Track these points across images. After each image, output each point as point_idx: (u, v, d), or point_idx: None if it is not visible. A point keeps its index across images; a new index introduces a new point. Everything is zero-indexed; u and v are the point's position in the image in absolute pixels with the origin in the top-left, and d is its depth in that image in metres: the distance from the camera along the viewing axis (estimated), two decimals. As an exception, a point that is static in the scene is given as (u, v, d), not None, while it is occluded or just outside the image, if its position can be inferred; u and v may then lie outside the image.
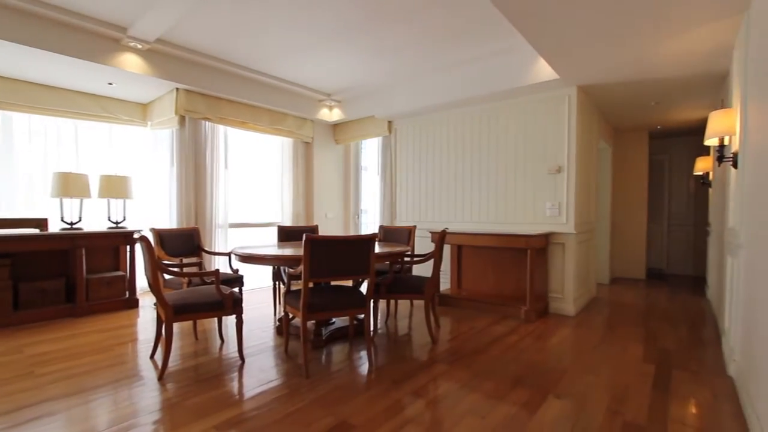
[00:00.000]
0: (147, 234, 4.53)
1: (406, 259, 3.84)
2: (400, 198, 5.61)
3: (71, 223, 3.97)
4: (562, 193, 4.09)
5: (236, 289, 3.43)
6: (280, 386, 2.36)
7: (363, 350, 2.98)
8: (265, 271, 5.33)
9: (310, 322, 3.37)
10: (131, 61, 3.86)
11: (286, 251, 2.89)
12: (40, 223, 3.83)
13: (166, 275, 3.50)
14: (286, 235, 4.29)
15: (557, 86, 4.02)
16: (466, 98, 4.50)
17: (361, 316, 3.42)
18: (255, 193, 5.64)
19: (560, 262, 4.15)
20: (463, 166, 4.88)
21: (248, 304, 4.46)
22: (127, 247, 4.33)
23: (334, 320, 3.43)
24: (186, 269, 4.07)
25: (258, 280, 5.41)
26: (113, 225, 4.28)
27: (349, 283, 4.98)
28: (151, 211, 4.99)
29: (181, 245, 3.67)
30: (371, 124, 5.75)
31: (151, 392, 2.26)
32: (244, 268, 4.12)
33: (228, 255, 3.49)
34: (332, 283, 3.16)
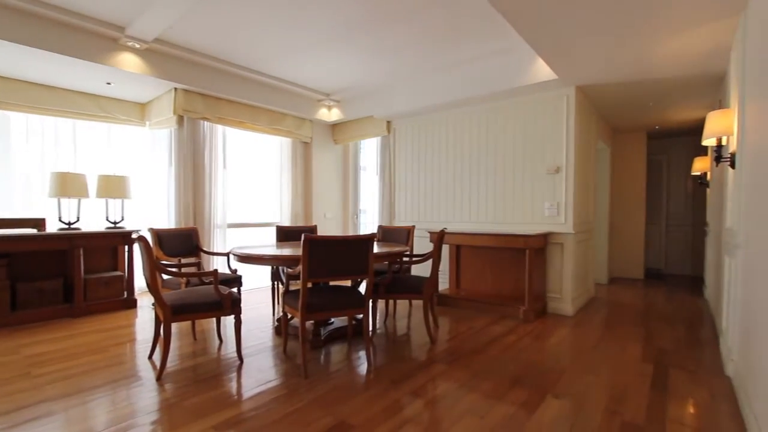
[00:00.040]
0: (145, 234, 4.52)
1: (405, 259, 3.85)
2: (398, 198, 5.61)
3: (69, 223, 3.96)
4: (561, 193, 4.10)
5: (235, 290, 3.42)
6: (278, 386, 2.36)
7: (362, 350, 2.98)
8: (264, 271, 5.33)
9: (308, 322, 3.37)
10: (129, 61, 3.85)
11: (285, 251, 2.89)
12: (38, 223, 3.82)
13: (165, 275, 3.49)
14: (285, 235, 4.29)
15: (556, 86, 4.03)
16: (465, 98, 4.51)
17: (359, 316, 3.42)
18: (253, 193, 5.63)
19: (559, 262, 4.16)
20: (462, 166, 4.89)
21: (247, 304, 4.45)
22: (126, 247, 4.33)
23: (332, 320, 3.43)
24: (184, 269, 4.06)
25: (256, 280, 5.40)
26: (111, 225, 4.27)
27: (347, 283, 4.98)
28: (149, 211, 4.98)
29: (180, 245, 3.67)
30: (370, 124, 5.75)
31: (150, 392, 2.26)
32: (243, 268, 4.11)
33: (226, 255, 3.49)
34: (331, 283, 3.16)
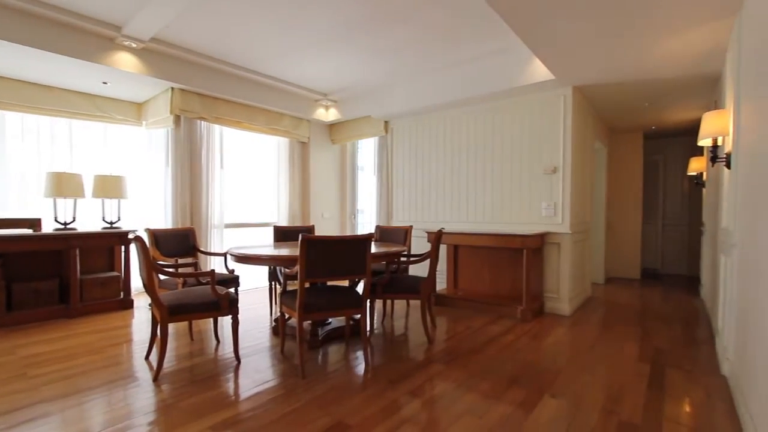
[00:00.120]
0: (142, 234, 4.50)
1: (403, 259, 3.85)
2: (396, 198, 5.61)
3: (65, 224, 3.94)
4: (558, 193, 4.11)
5: (232, 290, 3.42)
6: (276, 387, 2.35)
7: (359, 350, 2.98)
8: (261, 271, 5.32)
9: (306, 322, 3.36)
10: (126, 60, 3.84)
11: (283, 251, 2.89)
12: (34, 224, 3.80)
13: (161, 276, 3.47)
14: (283, 235, 4.28)
15: (553, 86, 4.04)
16: (463, 98, 4.51)
17: (357, 317, 3.42)
18: (251, 193, 5.62)
19: (556, 262, 4.17)
20: (459, 166, 4.89)
21: (244, 304, 4.44)
22: (122, 248, 4.31)
23: (330, 320, 3.42)
24: (181, 270, 4.04)
25: (254, 280, 5.39)
26: (108, 225, 4.25)
27: (345, 283, 4.97)
28: (146, 211, 4.96)
29: (177, 245, 3.66)
30: (367, 124, 5.74)
31: (146, 393, 2.25)
32: (240, 269, 4.10)
33: (224, 255, 3.48)
34: (328, 284, 3.15)
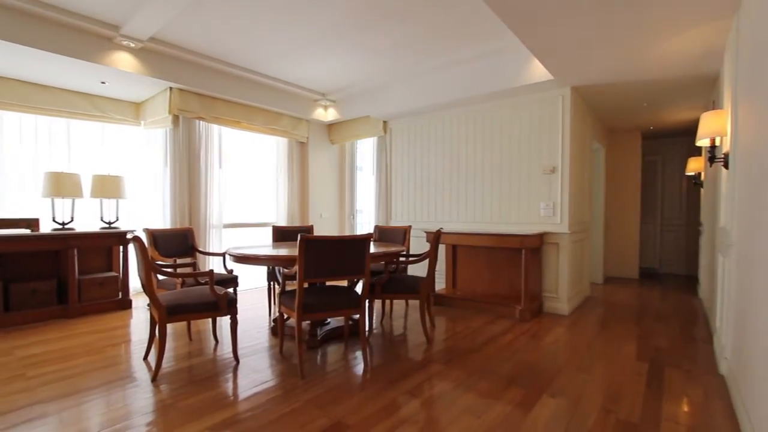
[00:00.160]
0: (140, 234, 4.49)
1: (402, 259, 3.85)
2: (395, 198, 5.61)
3: (63, 224, 3.93)
4: (557, 193, 4.11)
5: (231, 290, 3.41)
6: (274, 387, 2.35)
7: (358, 350, 2.98)
8: (260, 271, 5.31)
9: (305, 322, 3.36)
10: (124, 60, 3.83)
11: (281, 251, 2.88)
12: (31, 224, 3.79)
13: (160, 276, 3.46)
14: (281, 235, 4.28)
15: (551, 87, 4.05)
16: (461, 98, 4.52)
17: (356, 317, 3.42)
18: (250, 193, 5.61)
19: (554, 262, 4.18)
20: (458, 166, 4.89)
21: (243, 304, 4.43)
22: (120, 248, 4.30)
23: (329, 320, 3.42)
24: (180, 270, 4.04)
25: (253, 280, 5.38)
26: (106, 225, 4.24)
27: (344, 283, 4.97)
28: (144, 212, 4.95)
29: (175, 246, 3.65)
30: (366, 124, 5.74)
31: (145, 394, 2.24)
32: (239, 269, 4.10)
33: (222, 255, 3.47)
34: (327, 284, 3.15)
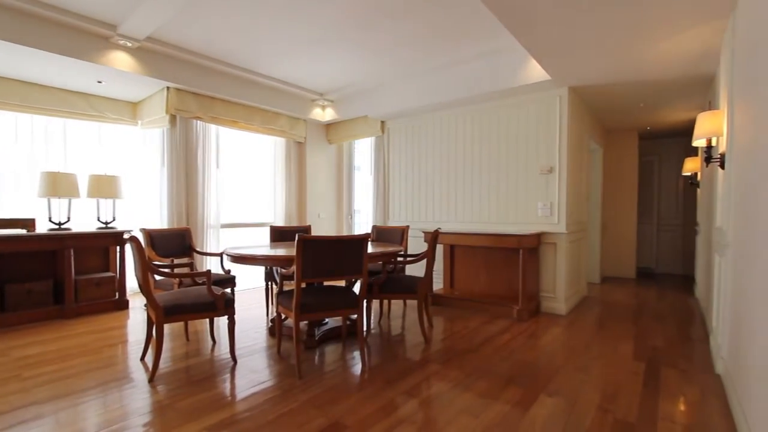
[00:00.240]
0: (137, 234, 4.48)
1: (399, 259, 3.85)
2: (393, 198, 5.61)
3: (59, 224, 3.91)
4: (554, 193, 4.12)
5: (228, 290, 3.40)
6: (272, 387, 2.35)
7: (356, 350, 2.98)
8: (258, 271, 5.30)
9: (302, 322, 3.36)
10: (121, 60, 3.81)
11: (279, 251, 2.88)
12: (27, 224, 3.77)
13: (157, 276, 3.46)
14: (279, 235, 4.27)
15: (549, 87, 4.06)
16: (459, 98, 4.52)
17: (354, 317, 3.42)
18: (247, 193, 5.61)
19: (552, 262, 4.19)
20: (456, 166, 4.90)
21: (240, 304, 4.43)
22: (117, 248, 4.28)
23: (327, 321, 3.42)
24: (177, 270, 4.03)
25: (250, 280, 5.37)
26: (103, 225, 4.22)
27: (341, 284, 4.97)
28: (141, 212, 4.93)
29: (172, 246, 3.64)
30: (364, 124, 5.74)
31: (142, 394, 2.24)
32: (236, 269, 4.08)
33: (220, 255, 3.46)
34: (325, 284, 3.15)
